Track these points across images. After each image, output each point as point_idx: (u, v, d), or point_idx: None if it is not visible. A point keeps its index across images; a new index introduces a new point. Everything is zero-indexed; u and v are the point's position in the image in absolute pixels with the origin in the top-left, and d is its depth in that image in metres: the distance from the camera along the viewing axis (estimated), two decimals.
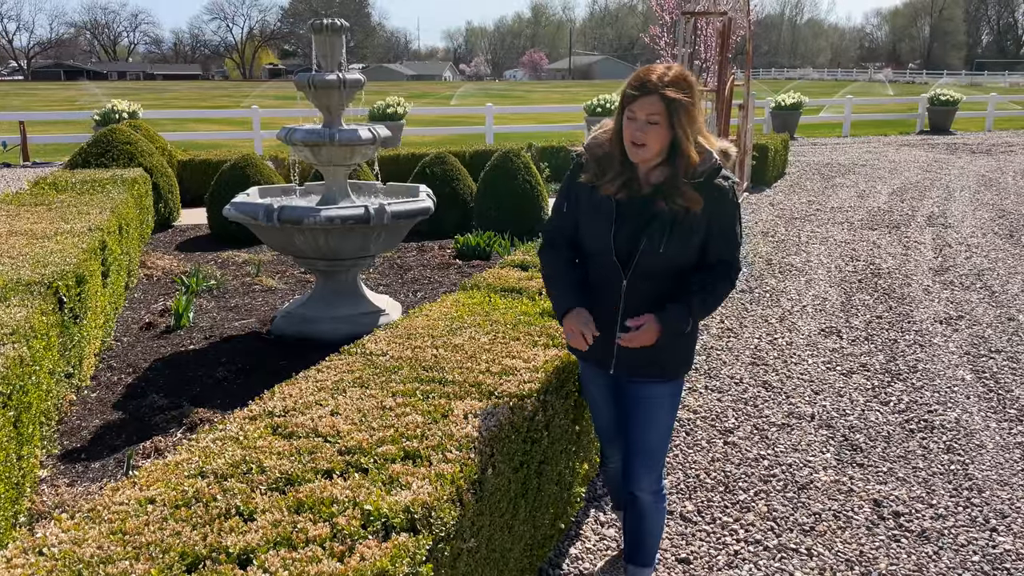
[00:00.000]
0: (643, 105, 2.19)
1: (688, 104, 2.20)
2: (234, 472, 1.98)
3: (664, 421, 2.49)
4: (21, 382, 3.03)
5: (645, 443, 2.50)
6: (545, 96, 42.39)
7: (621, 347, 2.38)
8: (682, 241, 2.28)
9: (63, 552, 1.66)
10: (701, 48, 12.33)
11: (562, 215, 2.48)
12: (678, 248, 2.29)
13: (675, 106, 2.18)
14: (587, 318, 2.37)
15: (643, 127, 2.20)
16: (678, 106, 2.19)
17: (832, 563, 3.01)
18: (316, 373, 2.68)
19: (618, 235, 2.33)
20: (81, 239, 4.76)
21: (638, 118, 2.21)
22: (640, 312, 2.32)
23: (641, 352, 2.36)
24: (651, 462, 2.52)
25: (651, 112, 2.19)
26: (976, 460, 3.82)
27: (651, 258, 2.29)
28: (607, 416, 2.69)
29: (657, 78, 2.19)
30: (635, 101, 2.20)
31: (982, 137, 20.37)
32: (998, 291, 6.69)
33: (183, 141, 16.16)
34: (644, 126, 2.20)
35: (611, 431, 2.73)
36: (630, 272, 2.33)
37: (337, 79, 5.13)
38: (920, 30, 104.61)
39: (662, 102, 2.18)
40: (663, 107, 2.18)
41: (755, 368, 4.97)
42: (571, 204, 2.44)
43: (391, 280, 6.83)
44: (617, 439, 2.71)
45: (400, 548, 1.67)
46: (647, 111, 2.19)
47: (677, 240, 2.28)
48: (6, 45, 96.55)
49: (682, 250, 2.29)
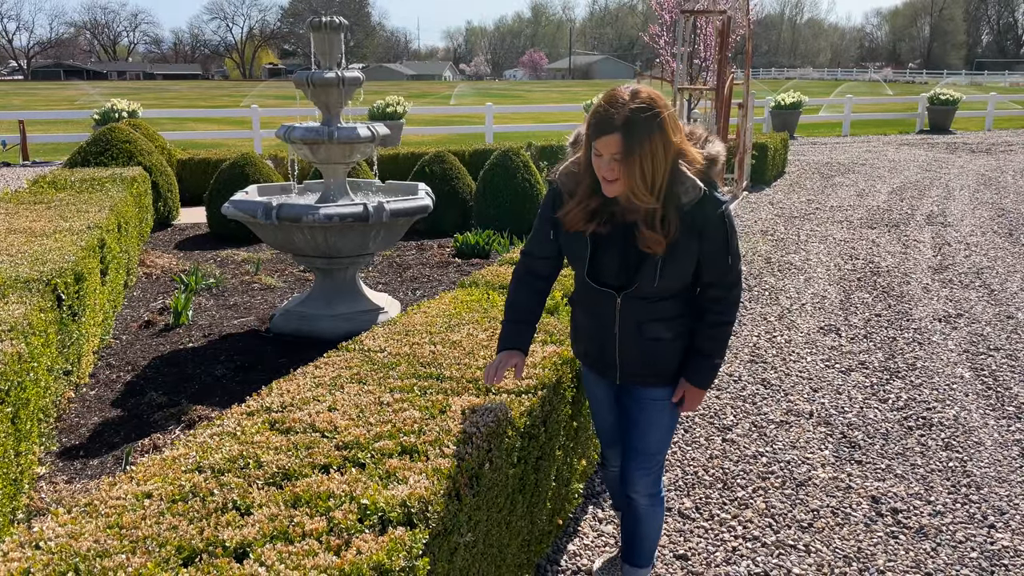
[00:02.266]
0: (605, 143, 2.05)
1: (653, 136, 2.04)
2: (231, 467, 1.98)
3: (665, 424, 2.46)
4: (19, 378, 3.03)
5: (644, 445, 2.47)
6: (545, 96, 42.38)
7: (624, 360, 2.36)
8: (677, 269, 2.21)
9: (59, 546, 1.66)
10: (701, 47, 12.34)
11: (540, 242, 2.40)
12: (675, 275, 2.21)
13: (641, 141, 2.02)
14: (505, 365, 2.36)
15: (609, 163, 2.07)
16: (643, 140, 2.03)
17: (830, 559, 3.01)
18: (314, 369, 2.68)
19: (601, 270, 2.28)
20: (80, 237, 4.76)
21: (603, 155, 2.08)
22: (638, 330, 2.29)
23: (646, 363, 2.35)
24: (649, 465, 2.50)
25: (614, 151, 2.05)
26: (974, 457, 3.82)
27: (645, 288, 2.23)
28: (609, 420, 2.66)
29: (617, 112, 2.04)
30: (598, 138, 2.07)
31: (982, 136, 20.37)
32: (997, 289, 6.69)
33: (183, 140, 16.18)
34: (610, 162, 2.07)
35: (612, 435, 2.70)
36: (622, 296, 2.27)
37: (336, 77, 5.13)
38: (920, 30, 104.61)
39: (623, 138, 2.03)
40: (625, 144, 2.03)
41: (754, 366, 4.97)
42: (552, 232, 2.36)
43: (390, 278, 6.83)
44: (618, 443, 2.68)
45: (397, 542, 1.67)
46: (610, 149, 2.06)
47: (671, 271, 2.20)
48: (6, 45, 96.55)
49: (680, 275, 2.22)
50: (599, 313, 2.34)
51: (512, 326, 2.44)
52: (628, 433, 2.51)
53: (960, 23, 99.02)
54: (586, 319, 2.42)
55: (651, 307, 2.27)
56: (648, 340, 2.31)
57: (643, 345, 2.32)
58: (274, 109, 21.01)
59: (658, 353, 2.33)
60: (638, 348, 2.33)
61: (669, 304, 2.28)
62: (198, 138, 17.53)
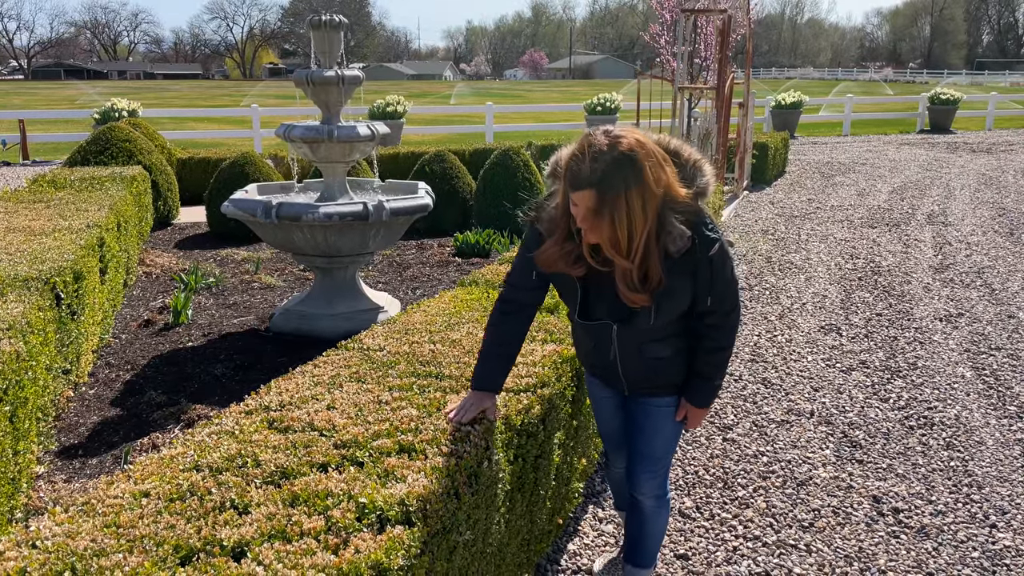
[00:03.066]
0: (580, 197, 1.94)
1: (630, 192, 1.90)
2: (229, 466, 1.97)
3: (671, 429, 2.44)
4: (17, 377, 3.02)
5: (651, 450, 2.46)
6: (545, 95, 42.36)
7: (628, 376, 2.33)
8: (674, 306, 2.15)
9: (56, 545, 1.65)
10: (701, 46, 12.32)
11: (523, 275, 2.27)
12: (671, 311, 2.16)
13: (610, 198, 1.90)
14: (478, 407, 2.21)
15: (587, 216, 1.96)
16: (616, 198, 1.90)
17: (831, 559, 3.00)
18: (313, 368, 2.67)
19: (593, 311, 2.24)
20: (79, 236, 4.75)
21: (579, 207, 1.96)
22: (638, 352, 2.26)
23: (649, 377, 2.33)
24: (656, 468, 2.48)
25: (589, 206, 1.94)
26: (976, 457, 3.81)
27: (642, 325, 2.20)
28: (613, 425, 2.64)
29: (592, 165, 1.90)
30: (572, 192, 1.96)
31: (982, 136, 20.35)
32: (998, 289, 6.68)
33: (183, 139, 16.17)
34: (588, 215, 1.96)
35: (617, 438, 2.67)
36: (618, 330, 2.24)
37: (336, 75, 5.12)
38: (920, 30, 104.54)
39: (597, 195, 1.92)
40: (599, 200, 1.92)
41: (755, 365, 4.95)
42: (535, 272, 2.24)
43: (390, 277, 6.82)
44: (623, 446, 2.65)
45: (395, 541, 1.66)
46: (585, 203, 1.94)
47: (667, 308, 2.15)
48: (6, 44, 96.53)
49: (677, 309, 2.17)
50: (596, 339, 2.31)
51: (488, 364, 2.29)
52: (634, 438, 2.49)
53: (960, 23, 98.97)
54: (585, 338, 2.38)
55: (647, 332, 2.23)
56: (649, 359, 2.29)
57: (645, 363, 2.30)
58: (274, 108, 21.01)
59: (659, 369, 2.31)
60: (640, 366, 2.31)
61: (665, 327, 2.23)
62: (198, 137, 17.52)
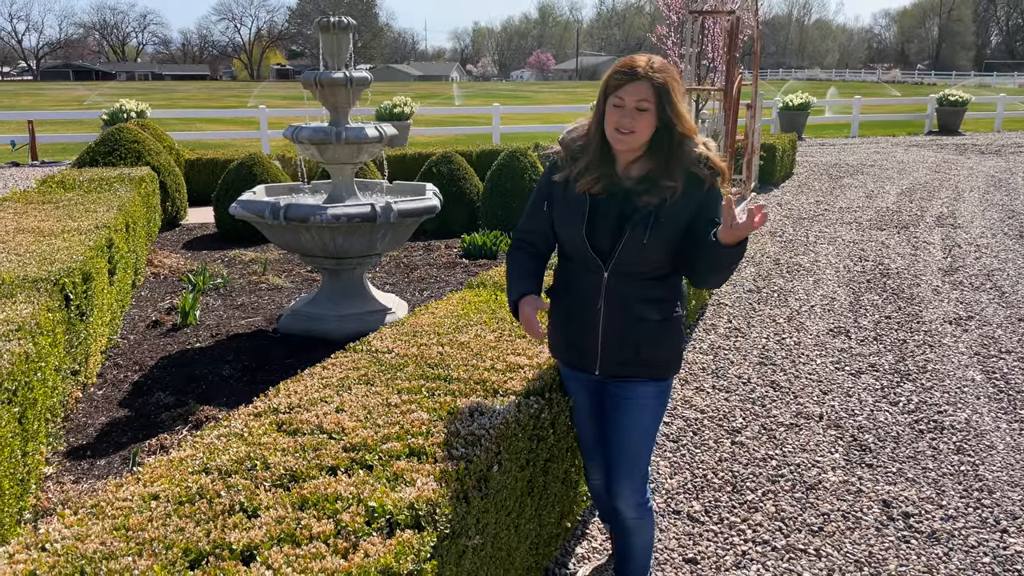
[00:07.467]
0: (632, 91, 2.12)
1: (676, 88, 2.15)
2: (238, 468, 1.97)
3: (647, 424, 2.39)
4: (26, 378, 3.03)
5: (626, 448, 2.39)
6: (552, 96, 42.36)
7: (607, 343, 2.31)
8: (667, 231, 2.19)
9: (66, 548, 1.64)
10: (708, 48, 12.29)
11: (535, 216, 2.42)
12: (663, 238, 2.19)
13: (665, 91, 2.12)
14: (538, 303, 2.33)
15: (631, 114, 2.13)
16: (668, 91, 2.12)
17: (841, 564, 2.98)
18: (321, 370, 2.67)
19: (596, 230, 2.25)
20: (88, 237, 4.76)
21: (626, 105, 2.13)
22: (624, 309, 2.26)
23: (627, 350, 2.29)
24: (632, 468, 2.41)
25: (640, 98, 2.11)
26: (986, 461, 3.78)
27: (634, 250, 2.20)
28: (589, 429, 2.59)
29: (646, 64, 2.14)
30: (623, 87, 2.13)
31: (991, 138, 20.26)
32: (1008, 291, 6.64)
33: (191, 141, 16.20)
34: (633, 113, 2.13)
35: (593, 446, 2.62)
36: (611, 267, 2.24)
37: (344, 77, 5.12)
38: (929, 31, 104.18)
39: (652, 88, 2.11)
40: (653, 93, 2.12)
41: (763, 368, 4.94)
42: (547, 203, 2.37)
43: (397, 279, 6.82)
44: (597, 454, 2.61)
45: (404, 545, 1.66)
46: (636, 97, 2.12)
47: (662, 230, 2.18)
48: (15, 45, 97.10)
49: (668, 240, 2.20)
50: (584, 290, 2.31)
51: (517, 281, 2.41)
52: (609, 437, 2.44)
53: (969, 24, 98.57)
54: (569, 300, 2.37)
55: (638, 286, 2.25)
56: (634, 320, 2.26)
57: (628, 326, 2.27)
58: (282, 109, 21.02)
59: (643, 335, 2.27)
60: (623, 329, 2.28)
61: (656, 285, 2.26)
62: (206, 138, 17.56)
